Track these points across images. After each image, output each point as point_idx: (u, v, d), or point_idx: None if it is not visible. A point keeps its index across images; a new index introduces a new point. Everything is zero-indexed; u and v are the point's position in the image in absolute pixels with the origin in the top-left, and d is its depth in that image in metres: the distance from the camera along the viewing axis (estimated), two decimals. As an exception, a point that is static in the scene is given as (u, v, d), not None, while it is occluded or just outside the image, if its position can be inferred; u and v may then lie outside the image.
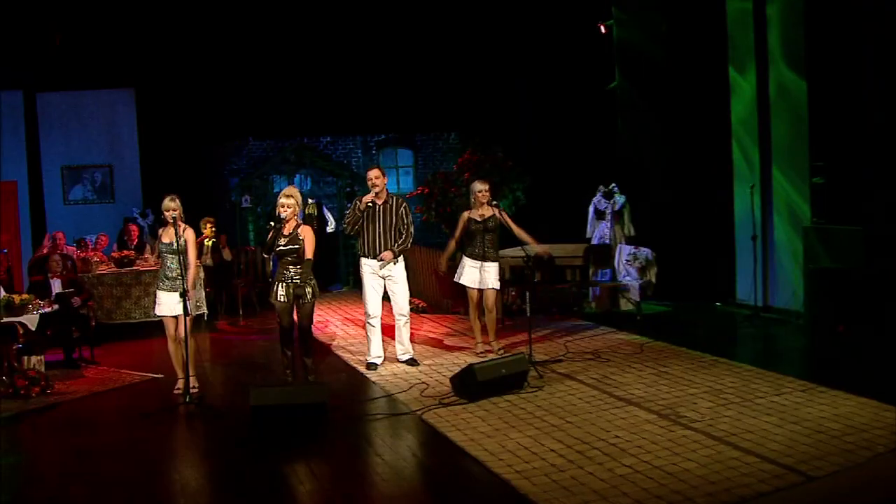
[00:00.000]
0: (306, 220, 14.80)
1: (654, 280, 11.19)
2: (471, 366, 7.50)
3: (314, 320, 8.68)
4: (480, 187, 9.15)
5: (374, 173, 8.74)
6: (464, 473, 5.88)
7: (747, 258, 11.13)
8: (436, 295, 12.23)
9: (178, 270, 7.89)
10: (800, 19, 10.19)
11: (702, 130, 11.90)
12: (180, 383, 8.15)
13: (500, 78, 15.37)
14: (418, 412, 7.21)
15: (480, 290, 9.18)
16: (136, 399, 8.16)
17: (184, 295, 7.59)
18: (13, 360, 8.39)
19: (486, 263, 9.11)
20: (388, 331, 9.23)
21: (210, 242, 12.69)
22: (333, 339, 10.67)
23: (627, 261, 11.04)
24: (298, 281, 8.04)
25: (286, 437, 6.72)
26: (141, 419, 7.39)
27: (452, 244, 9.35)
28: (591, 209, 11.81)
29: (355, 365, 9.14)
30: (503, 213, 9.17)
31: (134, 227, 13.14)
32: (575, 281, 11.42)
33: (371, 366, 8.84)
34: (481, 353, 9.24)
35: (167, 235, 8.03)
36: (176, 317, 7.99)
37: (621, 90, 12.83)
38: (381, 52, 15.30)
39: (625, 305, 11.46)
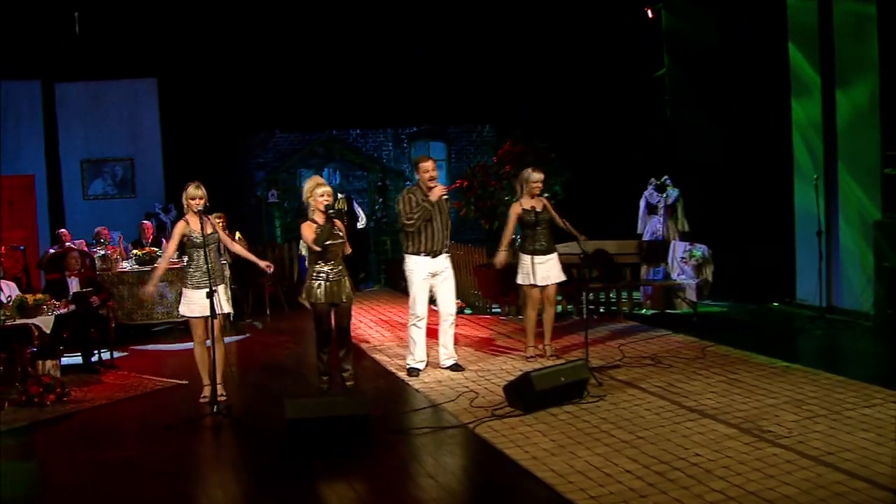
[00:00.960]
0: (336, 215, 14.16)
1: (710, 279, 10.44)
2: (528, 374, 6.80)
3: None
4: (537, 177, 8.46)
5: (430, 164, 8.08)
6: (529, 498, 5.20)
7: (809, 256, 10.35)
8: (473, 294, 11.53)
9: (207, 266, 7.23)
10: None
11: (759, 120, 11.13)
12: (207, 391, 7.50)
13: (538, 66, 14.64)
14: (470, 425, 6.51)
15: (542, 288, 8.47)
16: (160, 408, 7.51)
17: (211, 294, 6.91)
18: (27, 365, 7.78)
19: (547, 257, 8.45)
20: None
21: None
22: (368, 342, 9.99)
23: (683, 258, 10.30)
24: (339, 277, 7.39)
25: (325, 453, 6.03)
26: (165, 431, 6.74)
27: (507, 237, 8.62)
28: (642, 203, 11.07)
29: (394, 370, 8.45)
30: (550, 206, 8.50)
31: (148, 224, 12.51)
32: (626, 280, 10.67)
33: (413, 371, 8.15)
34: (531, 357, 8.58)
35: (192, 227, 7.35)
36: (206, 318, 7.33)
37: (670, 78, 12.07)
38: (413, 41, 14.63)
39: (679, 306, 10.70)
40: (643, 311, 10.94)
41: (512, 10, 13.97)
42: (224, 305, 7.23)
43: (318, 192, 7.47)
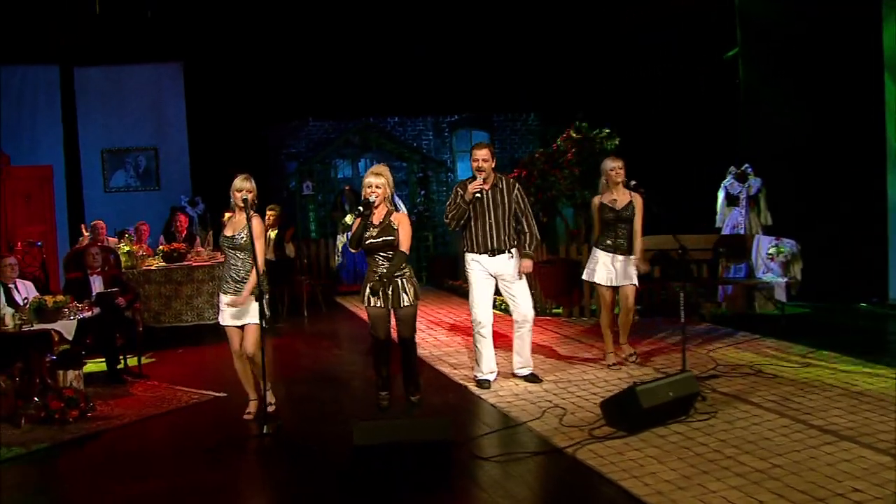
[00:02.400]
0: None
1: (799, 277, 9.41)
2: (633, 388, 5.80)
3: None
4: (612, 164, 7.53)
5: (481, 153, 7.01)
6: (667, 549, 4.19)
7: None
8: (534, 294, 10.49)
9: (247, 269, 6.27)
10: None
11: (847, 102, 10.05)
12: (252, 406, 6.55)
13: (591, 49, 13.60)
14: (568, 449, 5.51)
15: (615, 289, 7.50)
16: (197, 426, 6.54)
17: (260, 297, 5.94)
18: (46, 377, 6.81)
19: (620, 256, 7.49)
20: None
21: (274, 234, 11.13)
22: (423, 348, 8.98)
23: (769, 254, 9.26)
24: (397, 278, 6.40)
25: (400, 485, 5.05)
26: (204, 455, 5.77)
27: (596, 234, 7.64)
28: (720, 194, 10.04)
29: (462, 382, 7.45)
30: (640, 205, 7.48)
31: (183, 217, 11.58)
32: (702, 278, 9.63)
33: (483, 384, 7.16)
34: (613, 365, 7.63)
35: (232, 225, 6.38)
36: (241, 327, 6.35)
37: (745, 59, 10.98)
38: (454, 24, 13.63)
39: (761, 307, 9.65)
40: (721, 311, 9.88)
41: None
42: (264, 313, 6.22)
43: (364, 181, 6.47)
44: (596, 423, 6.01)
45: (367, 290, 6.44)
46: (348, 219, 12.89)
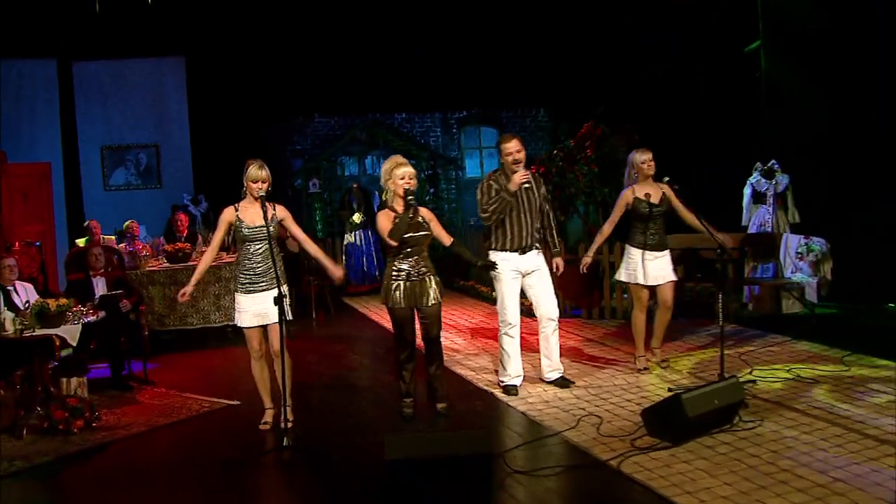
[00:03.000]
0: (381, 206, 12.83)
1: (829, 277, 9.06)
2: (677, 396, 5.45)
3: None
4: (643, 157, 7.14)
5: (514, 145, 6.67)
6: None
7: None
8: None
9: (270, 264, 5.89)
10: None
11: (873, 96, 9.68)
12: (269, 415, 6.19)
13: (599, 43, 13.25)
14: (612, 461, 5.15)
15: (650, 288, 7.16)
16: (211, 437, 6.17)
17: (280, 299, 5.57)
18: (48, 384, 6.43)
19: (660, 253, 7.14)
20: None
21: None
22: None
23: (798, 253, 8.92)
24: (423, 276, 6.08)
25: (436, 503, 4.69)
26: (220, 469, 5.40)
27: (607, 230, 7.27)
28: (747, 191, 9.67)
29: (486, 387, 7.07)
30: (674, 196, 7.12)
31: (183, 216, 11.17)
32: (729, 277, 9.26)
33: (510, 389, 6.80)
34: (644, 369, 7.30)
35: (251, 216, 5.98)
36: (264, 327, 5.99)
37: (767, 52, 10.62)
38: (462, 19, 13.27)
39: (789, 307, 9.30)
40: (747, 312, 9.52)
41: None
42: (287, 311, 5.86)
43: (397, 173, 6.09)
44: (636, 432, 5.65)
45: (398, 289, 6.07)
46: (356, 217, 12.53)
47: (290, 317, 5.87)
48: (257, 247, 5.97)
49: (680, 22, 12.13)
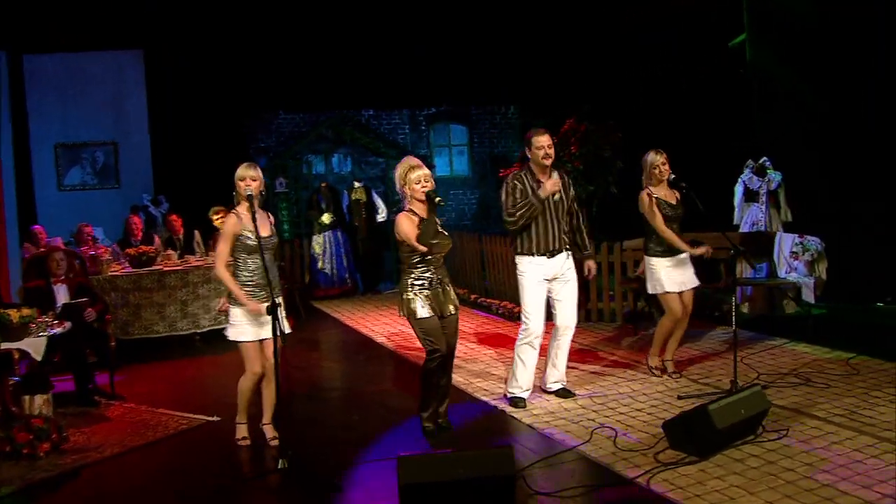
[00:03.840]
0: (353, 205, 12.37)
1: (824, 276, 8.80)
2: (705, 407, 5.09)
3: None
4: (660, 158, 6.71)
5: (546, 140, 6.22)
6: None
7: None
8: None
9: (263, 273, 5.42)
10: None
11: (865, 90, 9.46)
12: (244, 430, 5.72)
13: (576, 38, 12.91)
14: (639, 479, 4.78)
15: (680, 294, 6.84)
16: (192, 458, 5.66)
17: (274, 310, 5.08)
18: (9, 404, 5.85)
19: (681, 257, 6.80)
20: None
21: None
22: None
23: (794, 252, 8.65)
24: (442, 283, 5.70)
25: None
26: (209, 497, 4.89)
27: (671, 236, 6.73)
28: (738, 189, 9.39)
29: (487, 399, 6.64)
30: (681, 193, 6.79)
31: (137, 219, 10.55)
32: (722, 278, 8.96)
33: (518, 402, 6.37)
34: (653, 369, 7.04)
35: (261, 224, 5.52)
36: (262, 341, 5.51)
37: (753, 45, 10.35)
38: (429, 12, 12.82)
39: (785, 308, 9.04)
40: (741, 314, 9.23)
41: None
42: (284, 324, 5.39)
43: (412, 176, 5.61)
44: (656, 445, 5.31)
45: (424, 298, 5.60)
46: (325, 218, 12.03)
47: (287, 329, 5.41)
48: (253, 257, 5.48)
49: (668, 20, 11.82)
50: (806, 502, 4.36)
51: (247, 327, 5.48)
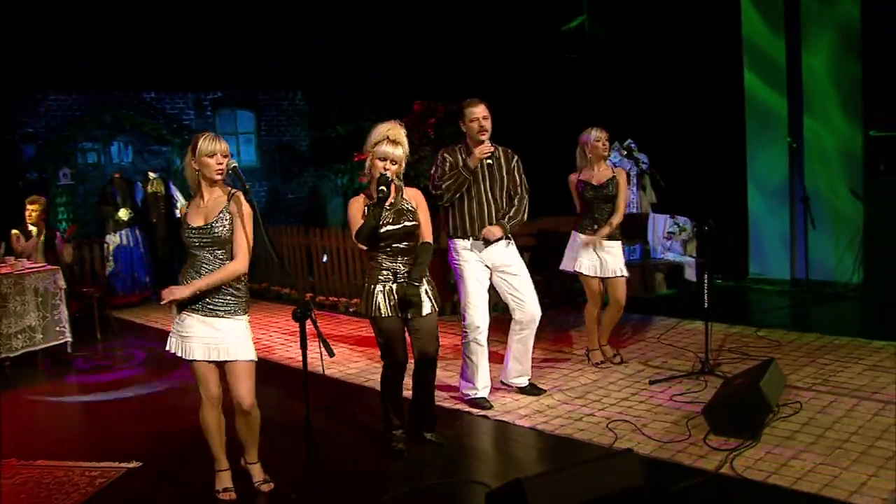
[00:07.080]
0: (149, 199, 10.82)
1: (695, 255, 8.92)
2: (758, 386, 4.77)
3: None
4: (598, 134, 6.37)
5: (480, 110, 5.51)
6: None
7: (772, 225, 9.24)
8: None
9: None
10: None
11: (710, 84, 9.71)
12: (226, 479, 4.39)
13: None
14: (723, 471, 4.34)
15: (602, 280, 6.44)
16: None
17: (304, 317, 3.86)
18: None
19: (606, 243, 6.37)
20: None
21: (42, 236, 8.55)
22: (358, 370, 7.02)
23: (669, 233, 8.65)
24: (411, 280, 4.68)
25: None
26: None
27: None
28: (606, 173, 9.23)
29: (451, 406, 5.79)
30: (622, 174, 6.45)
31: None
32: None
33: (481, 402, 5.68)
34: (601, 363, 6.62)
35: (201, 212, 4.19)
36: (217, 363, 4.23)
37: (591, 28, 10.31)
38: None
39: (658, 288, 9.04)
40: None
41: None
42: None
43: (377, 150, 4.62)
44: (692, 432, 4.91)
45: (384, 295, 4.65)
46: (122, 214, 10.36)
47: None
48: (215, 251, 4.17)
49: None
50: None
51: (190, 343, 4.20)
